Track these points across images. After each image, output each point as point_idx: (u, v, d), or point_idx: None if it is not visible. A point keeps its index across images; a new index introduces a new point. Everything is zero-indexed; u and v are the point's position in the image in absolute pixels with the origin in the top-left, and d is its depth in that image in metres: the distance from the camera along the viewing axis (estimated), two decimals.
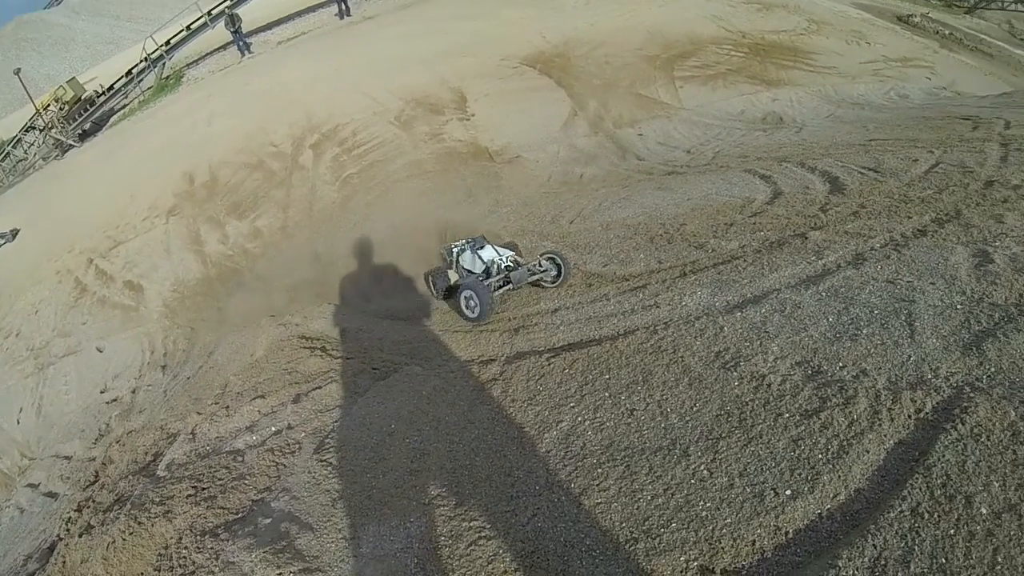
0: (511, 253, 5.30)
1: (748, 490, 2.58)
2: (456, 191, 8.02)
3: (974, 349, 3.05)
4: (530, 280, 4.97)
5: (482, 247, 5.30)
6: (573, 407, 3.36)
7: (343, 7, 16.20)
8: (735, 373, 3.33)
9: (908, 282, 3.82)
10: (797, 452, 2.70)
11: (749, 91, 11.30)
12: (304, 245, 8.19)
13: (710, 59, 12.69)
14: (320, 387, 4.04)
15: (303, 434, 3.58)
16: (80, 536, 3.50)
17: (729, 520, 2.47)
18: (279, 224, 8.86)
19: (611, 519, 2.61)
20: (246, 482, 3.35)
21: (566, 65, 11.76)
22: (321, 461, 3.20)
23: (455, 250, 5.52)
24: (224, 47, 16.81)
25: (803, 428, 2.81)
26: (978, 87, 10.90)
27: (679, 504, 2.61)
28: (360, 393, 3.86)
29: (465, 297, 4.76)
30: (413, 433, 3.27)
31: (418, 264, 6.33)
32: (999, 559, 2.09)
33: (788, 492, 2.53)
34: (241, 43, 16.56)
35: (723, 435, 2.91)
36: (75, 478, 5.55)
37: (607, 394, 3.41)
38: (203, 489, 3.47)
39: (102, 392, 7.21)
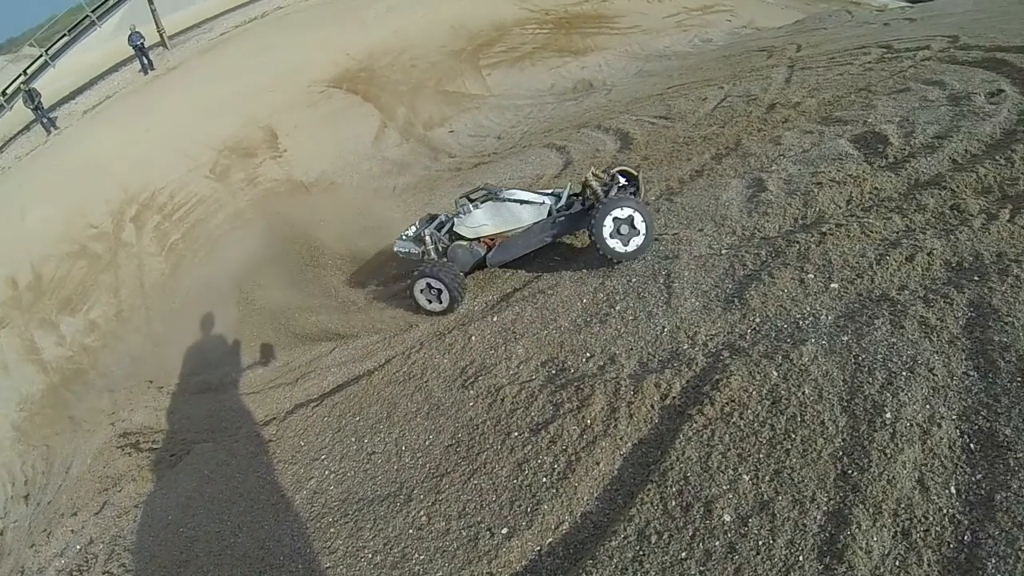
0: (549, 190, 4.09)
1: (464, 534, 2.31)
2: (274, 234, 7.85)
3: (736, 300, 2.75)
4: None
5: (498, 193, 3.91)
6: (324, 460, 3.18)
7: (145, 62, 14.87)
8: (472, 391, 3.05)
9: (674, 235, 3.52)
10: (520, 479, 2.39)
11: (558, 64, 11.55)
12: (141, 327, 7.78)
13: (516, 41, 12.91)
14: (121, 489, 4.01)
15: (101, 546, 3.58)
16: None
17: (441, 573, 2.21)
18: (113, 311, 8.32)
19: None
20: None
21: (371, 78, 11.60)
22: (104, 574, 3.25)
23: (427, 232, 4.12)
24: (27, 127, 15.02)
25: (530, 448, 2.51)
26: (776, 20, 11.43)
27: (395, 560, 2.36)
28: (154, 485, 3.88)
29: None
30: (188, 520, 3.33)
31: (233, 320, 6.20)
32: None
33: (504, 531, 2.22)
34: (44, 120, 14.85)
35: (448, 470, 2.64)
36: None
37: (354, 439, 3.22)
38: None
39: None
